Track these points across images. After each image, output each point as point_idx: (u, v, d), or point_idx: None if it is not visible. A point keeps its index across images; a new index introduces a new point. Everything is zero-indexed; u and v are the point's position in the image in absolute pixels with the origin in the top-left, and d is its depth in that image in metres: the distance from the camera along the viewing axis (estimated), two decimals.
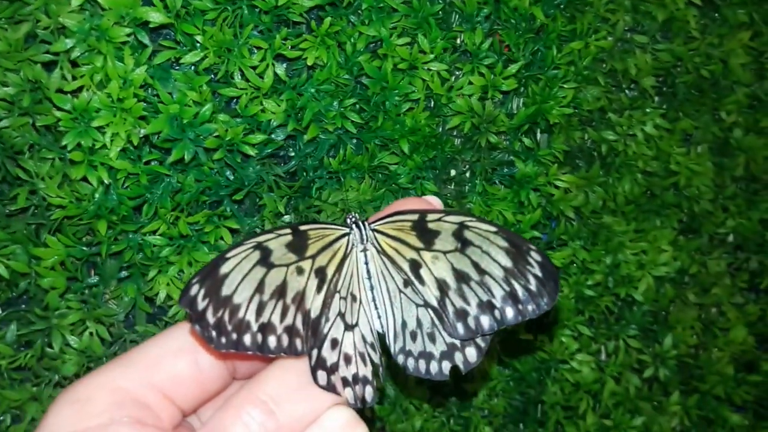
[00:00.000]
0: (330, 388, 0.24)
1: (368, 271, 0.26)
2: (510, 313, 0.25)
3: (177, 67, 0.30)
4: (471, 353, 0.25)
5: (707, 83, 0.41)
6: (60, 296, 0.29)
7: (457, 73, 0.35)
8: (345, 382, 0.24)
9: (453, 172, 0.38)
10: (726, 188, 0.42)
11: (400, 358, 0.26)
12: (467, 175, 0.38)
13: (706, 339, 0.43)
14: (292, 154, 0.33)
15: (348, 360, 0.25)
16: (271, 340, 0.23)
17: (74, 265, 0.29)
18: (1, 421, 0.31)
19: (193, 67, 0.30)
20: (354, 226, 0.26)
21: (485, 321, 0.25)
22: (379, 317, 0.26)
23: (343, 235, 0.26)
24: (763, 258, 0.44)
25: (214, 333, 0.23)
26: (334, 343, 0.25)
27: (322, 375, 0.24)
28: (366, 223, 0.26)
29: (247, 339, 0.23)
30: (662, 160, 0.40)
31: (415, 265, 0.26)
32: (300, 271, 0.25)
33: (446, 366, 0.26)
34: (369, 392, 0.25)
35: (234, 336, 0.23)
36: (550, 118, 0.36)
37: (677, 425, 0.42)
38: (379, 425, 0.37)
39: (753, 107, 0.42)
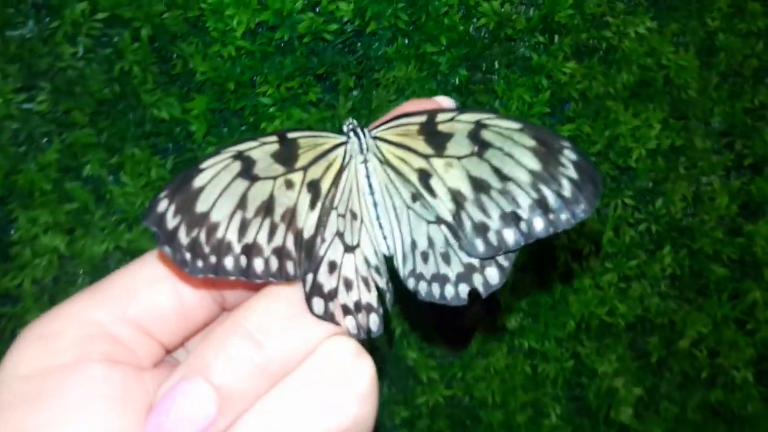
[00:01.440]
0: (328, 317, 0.22)
1: (370, 186, 0.24)
2: (539, 224, 0.22)
3: None
4: (492, 274, 0.23)
5: None
6: (202, 137, 0.42)
7: None
8: (345, 309, 0.22)
9: (484, 66, 0.49)
10: (711, 81, 0.51)
11: (411, 282, 0.24)
12: (495, 66, 0.49)
13: (696, 207, 0.52)
14: (359, 46, 0.45)
15: (349, 285, 0.23)
16: (258, 264, 0.21)
17: (212, 115, 0.42)
18: None
19: None
20: (352, 133, 0.24)
21: (509, 235, 0.22)
22: (385, 237, 0.24)
23: (340, 144, 0.24)
24: (746, 141, 0.53)
25: (188, 255, 0.20)
26: (332, 267, 0.22)
27: (318, 302, 0.22)
28: (366, 130, 0.24)
29: (228, 262, 0.21)
30: (654, 57, 0.50)
31: (425, 176, 0.23)
32: (289, 184, 0.22)
33: (463, 289, 0.23)
34: (374, 320, 0.22)
35: (212, 259, 0.21)
36: (558, 18, 0.47)
37: (669, 273, 0.52)
38: None
39: (734, 14, 0.51)
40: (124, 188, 0.42)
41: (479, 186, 0.22)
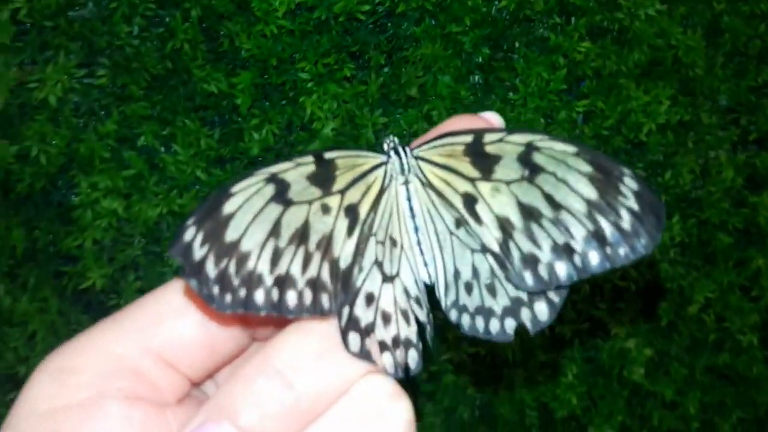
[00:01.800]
0: (364, 355, 0.20)
1: (411, 209, 0.22)
2: (595, 258, 0.21)
3: None
4: (541, 309, 0.22)
5: None
6: (247, 110, 0.46)
7: None
8: (383, 346, 0.21)
9: (505, 45, 0.52)
10: (717, 61, 0.55)
11: (453, 314, 0.23)
12: (515, 45, 0.52)
13: (704, 180, 0.56)
14: (390, 26, 0.49)
15: (387, 319, 0.21)
16: (291, 297, 0.20)
17: (255, 90, 0.46)
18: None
19: None
20: (392, 153, 0.22)
21: (561, 269, 0.21)
22: (426, 265, 0.22)
23: (379, 165, 0.22)
24: (751, 117, 0.56)
25: (216, 289, 0.19)
26: (370, 299, 0.21)
27: (354, 339, 0.20)
28: (408, 149, 0.23)
29: (259, 296, 0.19)
30: (664, 38, 0.53)
31: (470, 200, 0.22)
32: (326, 209, 0.21)
33: (510, 324, 0.22)
34: (413, 357, 0.21)
35: (242, 292, 0.19)
36: (573, 0, 0.50)
37: (678, 241, 0.55)
38: None
39: None
40: (175, 157, 0.46)
41: (529, 214, 0.21)
